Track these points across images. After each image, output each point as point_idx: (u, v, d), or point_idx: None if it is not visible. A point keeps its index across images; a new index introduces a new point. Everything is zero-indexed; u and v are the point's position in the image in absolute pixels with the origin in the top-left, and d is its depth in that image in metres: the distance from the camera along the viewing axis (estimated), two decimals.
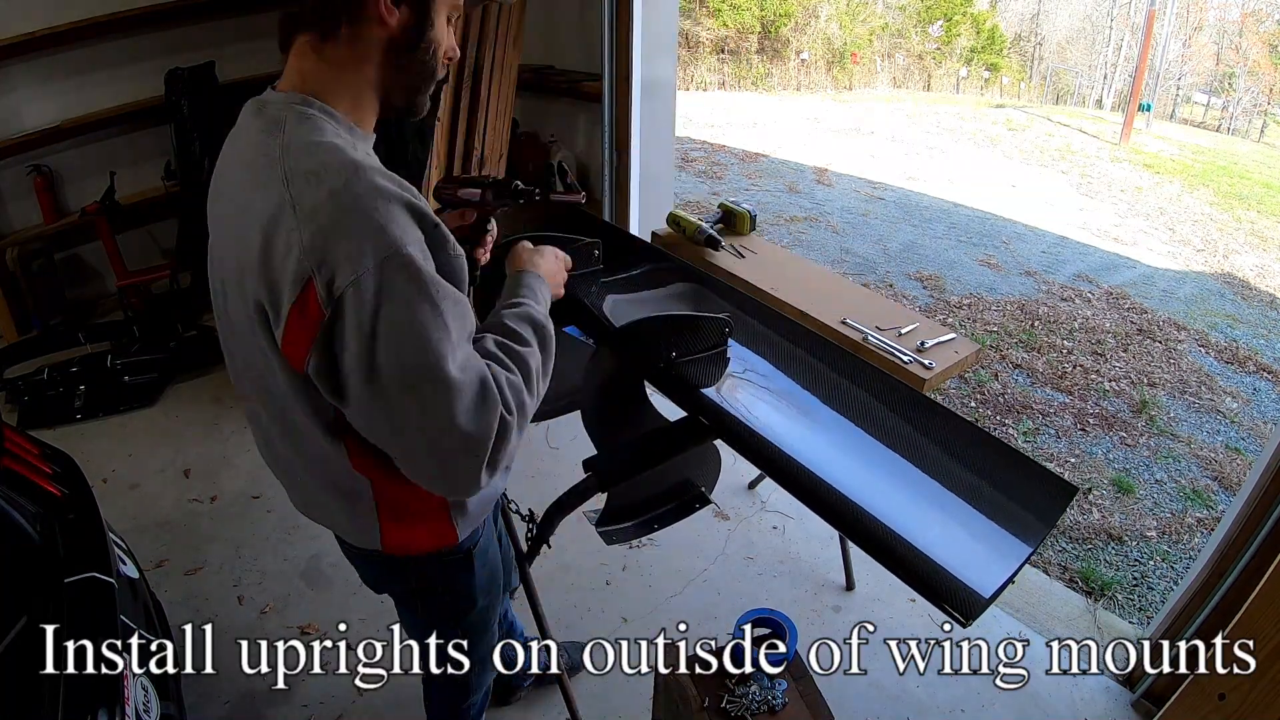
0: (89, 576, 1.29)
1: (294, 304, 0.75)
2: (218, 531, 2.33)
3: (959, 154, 8.91)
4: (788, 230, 5.90)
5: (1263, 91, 15.47)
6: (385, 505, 0.98)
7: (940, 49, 16.70)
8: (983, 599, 0.97)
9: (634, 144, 2.93)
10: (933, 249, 5.64)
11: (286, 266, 0.74)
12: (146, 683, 1.27)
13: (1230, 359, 4.31)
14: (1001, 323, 4.48)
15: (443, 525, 1.04)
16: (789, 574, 2.24)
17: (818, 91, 14.38)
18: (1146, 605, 2.43)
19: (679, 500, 1.50)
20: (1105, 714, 1.86)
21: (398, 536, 1.02)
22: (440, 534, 1.04)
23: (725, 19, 14.90)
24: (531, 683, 1.85)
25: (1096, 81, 17.56)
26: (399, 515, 1.00)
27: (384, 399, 0.77)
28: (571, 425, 1.70)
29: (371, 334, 0.74)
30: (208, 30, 3.46)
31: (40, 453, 1.57)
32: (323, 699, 1.83)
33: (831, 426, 1.33)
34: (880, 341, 1.75)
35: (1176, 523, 2.86)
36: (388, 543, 1.03)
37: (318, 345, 0.76)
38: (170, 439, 2.73)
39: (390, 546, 1.03)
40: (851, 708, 1.83)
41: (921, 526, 1.07)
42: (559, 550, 2.07)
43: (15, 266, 3.24)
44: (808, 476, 1.17)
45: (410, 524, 1.02)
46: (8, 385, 2.89)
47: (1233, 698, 1.32)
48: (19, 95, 3.17)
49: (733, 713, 1.24)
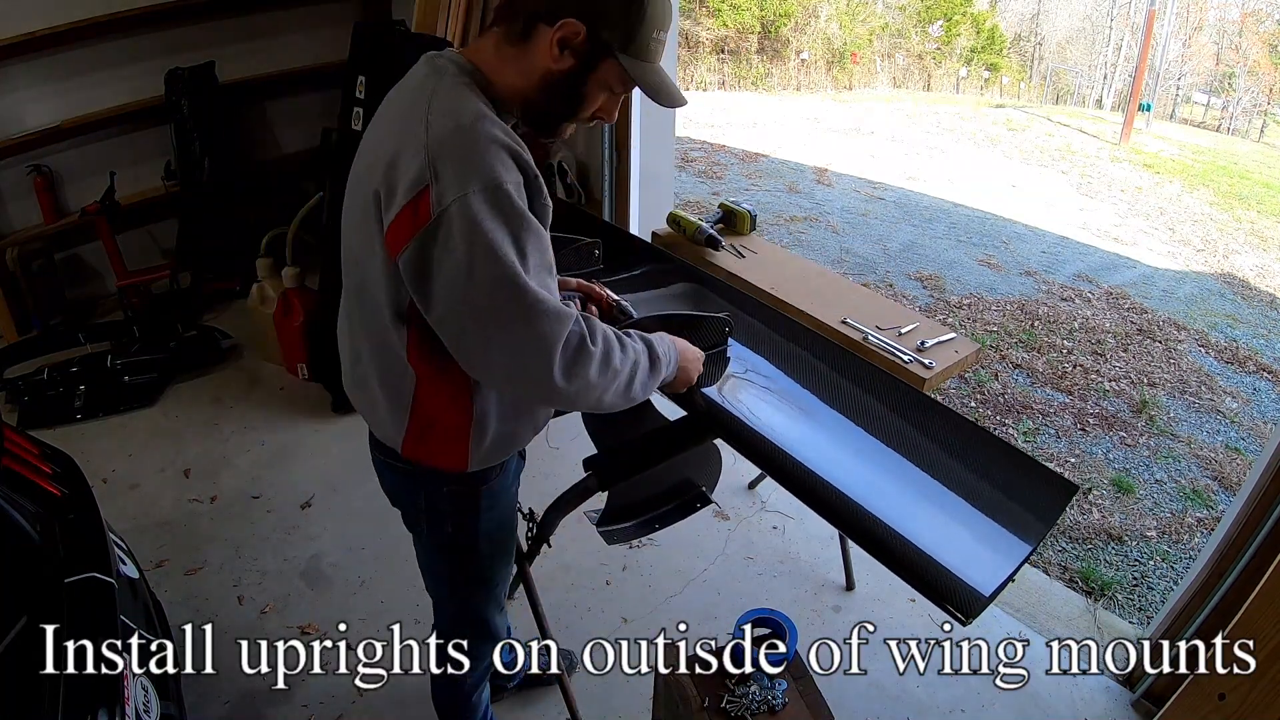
0: (89, 576, 1.28)
1: (408, 203, 0.88)
2: (218, 531, 2.33)
3: (959, 154, 8.90)
4: (788, 230, 5.89)
5: (1262, 91, 15.47)
6: (419, 407, 1.06)
7: (940, 49, 16.70)
8: (983, 598, 0.97)
9: (634, 144, 2.92)
10: (933, 249, 5.64)
11: (409, 172, 0.89)
12: (146, 683, 1.27)
13: (1230, 359, 4.31)
14: (1001, 322, 4.48)
15: (460, 448, 1.09)
16: (789, 574, 2.24)
17: (818, 91, 14.38)
18: (1146, 605, 2.43)
19: (680, 500, 1.50)
20: (1105, 714, 1.86)
21: (417, 443, 1.09)
22: (454, 456, 1.10)
23: (725, 19, 14.89)
24: (519, 683, 1.84)
25: (1096, 81, 17.56)
26: (427, 423, 1.07)
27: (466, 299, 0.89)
28: (571, 425, 1.71)
29: (466, 242, 0.87)
30: (208, 30, 3.46)
31: (40, 453, 1.57)
32: (323, 699, 1.83)
33: (831, 426, 1.34)
34: (880, 341, 1.75)
35: (1176, 523, 2.86)
36: (407, 446, 1.10)
37: (417, 240, 0.89)
38: (170, 439, 2.73)
39: (407, 451, 1.10)
40: (851, 708, 1.83)
41: (921, 526, 1.07)
42: (559, 550, 2.07)
43: (15, 266, 3.24)
44: (808, 476, 1.17)
45: (431, 438, 1.09)
46: (8, 385, 2.89)
47: (1233, 698, 1.32)
48: (19, 95, 3.17)
49: (733, 713, 1.24)
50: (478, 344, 0.91)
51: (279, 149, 3.97)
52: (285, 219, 3.01)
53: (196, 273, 3.52)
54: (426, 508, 1.19)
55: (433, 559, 1.29)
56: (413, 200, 0.88)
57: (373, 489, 1.70)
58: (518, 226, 0.89)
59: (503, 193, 0.88)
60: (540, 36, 0.94)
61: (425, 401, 1.05)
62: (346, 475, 2.53)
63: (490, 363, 0.93)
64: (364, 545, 2.26)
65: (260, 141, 3.86)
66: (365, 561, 2.21)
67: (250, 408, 2.93)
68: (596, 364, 0.94)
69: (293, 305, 2.90)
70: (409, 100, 0.96)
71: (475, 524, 1.19)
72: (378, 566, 2.17)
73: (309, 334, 2.91)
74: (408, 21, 3.10)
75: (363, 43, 2.80)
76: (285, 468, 2.60)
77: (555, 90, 0.98)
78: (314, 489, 2.49)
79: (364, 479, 1.58)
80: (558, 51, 0.94)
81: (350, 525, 2.33)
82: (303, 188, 3.94)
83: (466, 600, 1.32)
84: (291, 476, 2.56)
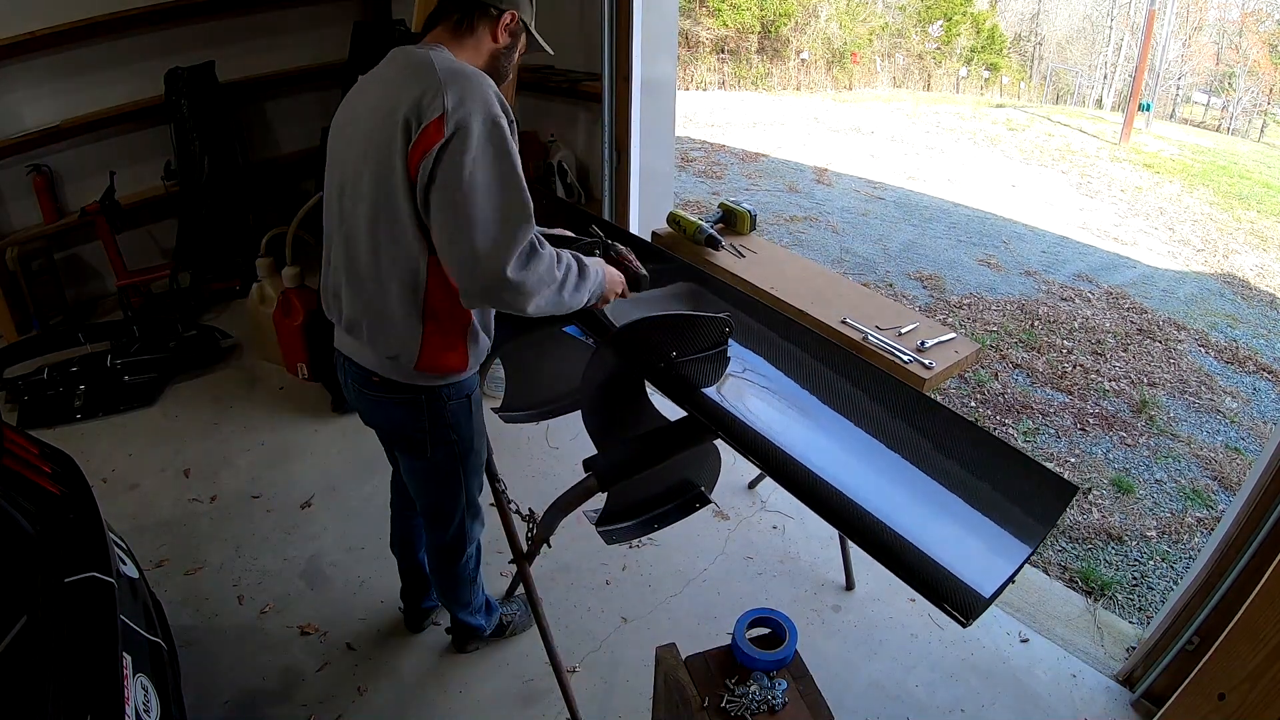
0: (89, 576, 1.28)
1: (429, 124, 1.15)
2: (218, 531, 2.33)
3: (959, 154, 8.91)
4: (788, 230, 5.90)
5: (1263, 91, 15.47)
6: (431, 318, 1.29)
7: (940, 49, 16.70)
8: (983, 599, 0.97)
9: (634, 144, 2.92)
10: (933, 249, 5.64)
11: (433, 106, 1.16)
12: (146, 683, 1.27)
13: (1230, 359, 4.31)
14: (1001, 322, 4.48)
15: (462, 352, 1.36)
16: (789, 574, 2.24)
17: (818, 91, 14.38)
18: (1146, 605, 2.43)
19: (679, 500, 1.50)
20: (1105, 714, 1.86)
21: (433, 354, 1.32)
22: (460, 359, 1.36)
23: (725, 19, 14.90)
24: (489, 634, 1.95)
25: (1096, 81, 17.56)
26: (442, 332, 1.31)
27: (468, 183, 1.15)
28: (571, 425, 1.71)
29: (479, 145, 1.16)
30: (208, 30, 3.47)
31: (40, 452, 1.57)
32: (323, 699, 1.83)
33: (831, 426, 1.34)
34: (880, 341, 1.75)
35: (1176, 523, 2.86)
36: (424, 358, 1.32)
37: (434, 153, 1.15)
38: (170, 439, 2.73)
39: (424, 364, 1.32)
40: (851, 708, 1.83)
41: (921, 526, 1.07)
42: (559, 550, 2.07)
43: (15, 266, 3.24)
44: (807, 476, 1.17)
45: (444, 346, 1.33)
46: (8, 385, 2.90)
47: (1233, 698, 1.32)
48: (19, 95, 3.17)
49: (733, 713, 1.24)
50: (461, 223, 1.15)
51: (279, 149, 3.97)
52: (285, 219, 3.01)
53: (196, 273, 3.52)
54: (431, 427, 1.43)
55: (441, 468, 1.52)
56: (432, 123, 1.15)
57: (372, 489, 1.70)
58: (510, 147, 1.19)
59: (500, 123, 1.19)
60: (485, 26, 1.31)
61: (441, 308, 1.29)
62: (346, 475, 2.52)
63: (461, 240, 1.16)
64: (364, 545, 2.26)
65: (260, 141, 3.86)
66: (365, 561, 2.21)
67: (250, 407, 2.93)
68: (544, 265, 1.20)
69: (292, 305, 2.90)
70: (406, 71, 1.23)
71: (471, 427, 1.48)
72: (378, 566, 2.17)
73: (309, 334, 2.91)
74: (407, 21, 3.10)
75: (363, 42, 2.80)
76: (285, 467, 2.60)
77: (498, 61, 1.35)
78: (314, 489, 2.49)
79: (364, 479, 1.58)
80: (505, 35, 1.33)
81: (350, 525, 2.33)
82: (303, 188, 3.94)
83: (468, 492, 1.59)
84: (291, 476, 2.56)
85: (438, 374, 1.37)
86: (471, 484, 1.59)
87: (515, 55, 1.39)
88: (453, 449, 1.49)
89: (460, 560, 1.70)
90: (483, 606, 1.86)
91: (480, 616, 1.87)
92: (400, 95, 1.19)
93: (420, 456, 1.50)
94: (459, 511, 1.61)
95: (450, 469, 1.53)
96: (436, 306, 1.30)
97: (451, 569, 1.72)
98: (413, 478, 1.59)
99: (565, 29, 3.35)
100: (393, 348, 1.33)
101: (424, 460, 1.50)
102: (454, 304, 1.28)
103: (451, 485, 1.56)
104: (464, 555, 1.70)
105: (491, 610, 1.91)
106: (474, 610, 1.84)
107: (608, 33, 2.76)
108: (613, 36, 2.77)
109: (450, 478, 1.54)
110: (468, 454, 1.52)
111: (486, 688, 1.87)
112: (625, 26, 2.72)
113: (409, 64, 1.24)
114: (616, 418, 1.42)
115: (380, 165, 1.22)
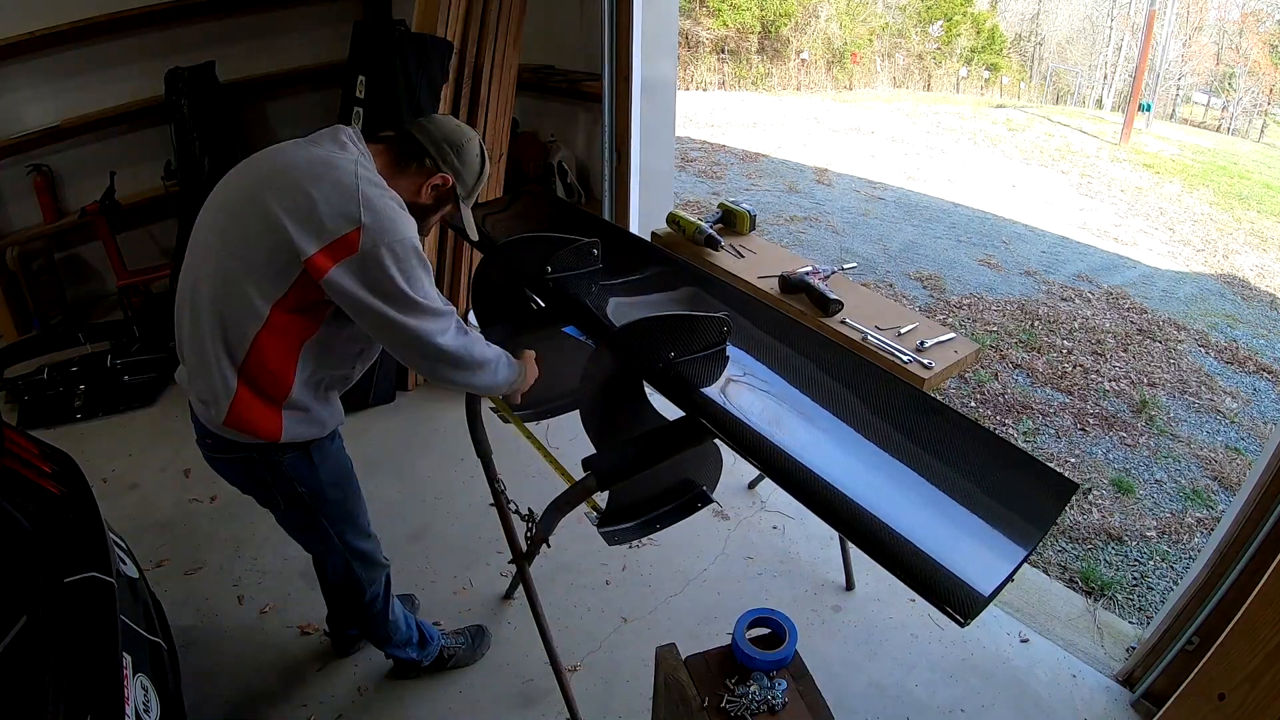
0: (89, 576, 1.28)
1: (344, 234, 1.18)
2: (218, 531, 2.33)
3: (959, 154, 8.92)
4: (788, 230, 5.90)
5: (1263, 91, 15.47)
6: (245, 380, 1.27)
7: (940, 49, 16.71)
8: (982, 599, 0.97)
9: (634, 144, 2.92)
10: (933, 249, 5.64)
11: (346, 209, 1.19)
12: (146, 683, 1.27)
13: (1230, 359, 4.31)
14: (1001, 322, 4.48)
15: (274, 420, 1.32)
16: (789, 574, 2.24)
17: (818, 91, 14.39)
18: (1146, 605, 2.43)
19: (680, 500, 1.50)
20: (1105, 714, 1.86)
21: (238, 414, 1.28)
22: (271, 426, 1.32)
23: (725, 19, 14.91)
24: (427, 665, 1.87)
25: (1096, 81, 17.56)
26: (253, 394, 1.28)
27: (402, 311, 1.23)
28: (571, 425, 1.70)
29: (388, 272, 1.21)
30: (208, 30, 3.47)
31: (40, 452, 1.57)
32: (323, 699, 1.83)
33: (830, 426, 1.33)
34: (880, 341, 1.75)
35: (1176, 523, 2.87)
36: (231, 415, 1.28)
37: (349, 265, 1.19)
38: (170, 439, 2.73)
39: (231, 420, 1.28)
40: (851, 708, 1.83)
41: (920, 526, 1.07)
42: (559, 550, 2.07)
43: (15, 266, 3.24)
44: (807, 476, 1.17)
45: (255, 408, 1.29)
46: (8, 385, 2.90)
47: (1233, 698, 1.32)
48: (19, 95, 3.17)
49: (733, 713, 1.24)
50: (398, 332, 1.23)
51: None
52: None
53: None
54: (273, 481, 1.41)
55: (298, 520, 1.51)
56: (347, 236, 1.18)
57: (371, 488, 1.69)
58: (417, 264, 1.24)
59: (410, 244, 1.24)
60: (417, 171, 1.35)
61: (256, 374, 1.27)
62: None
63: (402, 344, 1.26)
64: None
65: (260, 141, 3.84)
66: None
67: None
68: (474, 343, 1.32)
69: None
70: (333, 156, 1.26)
71: (316, 477, 1.43)
72: None
73: None
74: (408, 21, 3.10)
75: (363, 43, 2.80)
76: None
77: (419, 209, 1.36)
78: None
79: (363, 479, 1.58)
80: (430, 191, 1.37)
81: None
82: None
83: (340, 539, 1.54)
84: None
85: (247, 434, 1.32)
86: (343, 532, 1.53)
87: (437, 215, 1.43)
88: (302, 501, 1.45)
89: (363, 601, 1.65)
90: (410, 641, 1.79)
91: (411, 650, 1.80)
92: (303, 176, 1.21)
93: (276, 510, 1.49)
94: (338, 558, 1.56)
95: (309, 521, 1.49)
96: (256, 373, 1.27)
97: (356, 608, 1.68)
98: (282, 528, 1.56)
99: (565, 29, 3.36)
100: (213, 402, 1.29)
101: (280, 513, 1.50)
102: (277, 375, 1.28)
103: (318, 536, 1.52)
104: (365, 595, 1.64)
105: (427, 642, 1.83)
106: (398, 645, 1.77)
107: (608, 33, 2.76)
108: (613, 36, 2.77)
109: (312, 529, 1.51)
110: (322, 505, 1.47)
111: (486, 688, 1.88)
112: (625, 27, 2.72)
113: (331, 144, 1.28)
114: (616, 418, 1.42)
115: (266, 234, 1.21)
